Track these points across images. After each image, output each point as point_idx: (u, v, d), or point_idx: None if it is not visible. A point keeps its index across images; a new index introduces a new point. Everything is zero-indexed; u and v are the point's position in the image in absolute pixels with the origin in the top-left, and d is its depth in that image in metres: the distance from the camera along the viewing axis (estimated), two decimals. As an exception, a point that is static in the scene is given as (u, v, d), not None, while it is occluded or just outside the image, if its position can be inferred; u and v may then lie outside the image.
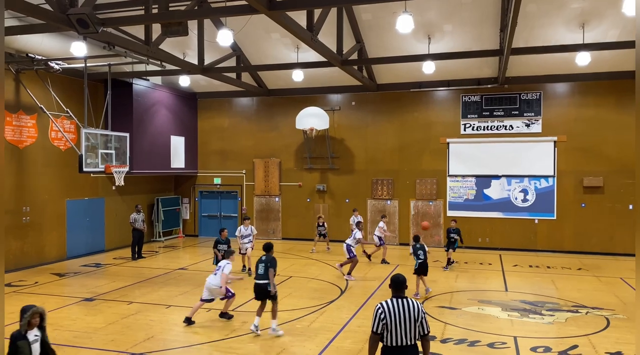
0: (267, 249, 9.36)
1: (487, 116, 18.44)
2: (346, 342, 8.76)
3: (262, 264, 9.16)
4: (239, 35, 15.69)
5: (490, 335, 9.11)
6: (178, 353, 8.29)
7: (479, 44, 15.72)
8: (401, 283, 5.34)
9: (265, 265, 9.10)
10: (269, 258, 9.18)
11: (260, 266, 9.19)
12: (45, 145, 15.87)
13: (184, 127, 20.87)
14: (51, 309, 10.73)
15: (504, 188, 18.39)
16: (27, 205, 15.19)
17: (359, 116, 19.89)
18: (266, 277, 9.04)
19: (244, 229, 14.43)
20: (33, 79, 15.24)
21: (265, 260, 9.16)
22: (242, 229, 14.46)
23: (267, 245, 9.43)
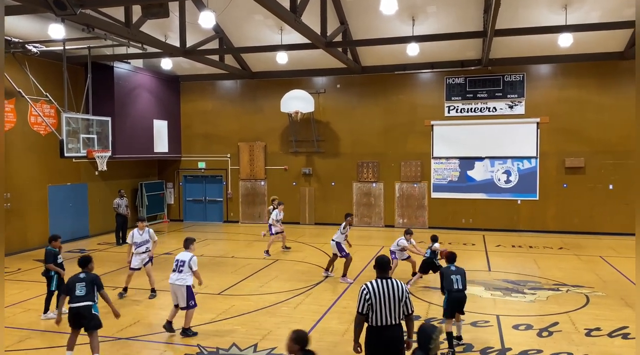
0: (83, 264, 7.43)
1: (471, 98, 18.51)
2: (332, 322, 8.86)
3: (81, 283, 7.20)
4: (221, 17, 15.45)
5: (474, 314, 9.26)
6: (164, 337, 8.31)
7: (463, 26, 15.69)
8: (385, 264, 5.40)
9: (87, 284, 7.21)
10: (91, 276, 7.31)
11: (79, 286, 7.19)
12: (25, 131, 15.58)
13: (166, 111, 20.62)
14: (35, 295, 10.65)
15: (487, 169, 18.56)
16: (7, 191, 14.95)
17: (344, 99, 19.82)
18: (89, 299, 7.17)
19: (137, 234, 10.72)
20: (10, 62, 14.87)
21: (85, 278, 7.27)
22: (135, 233, 10.72)
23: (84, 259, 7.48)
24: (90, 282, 7.26)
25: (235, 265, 13.51)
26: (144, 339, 8.24)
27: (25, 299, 10.45)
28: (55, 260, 9.32)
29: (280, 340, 8.01)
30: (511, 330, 8.49)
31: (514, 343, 7.89)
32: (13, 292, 10.91)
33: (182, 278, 8.22)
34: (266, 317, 9.19)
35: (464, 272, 7.82)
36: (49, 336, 8.33)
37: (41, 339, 8.20)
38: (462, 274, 7.75)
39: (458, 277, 7.69)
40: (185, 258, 8.31)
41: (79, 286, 7.19)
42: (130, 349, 7.83)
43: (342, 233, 12.09)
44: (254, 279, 11.97)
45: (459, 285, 7.66)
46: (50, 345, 7.95)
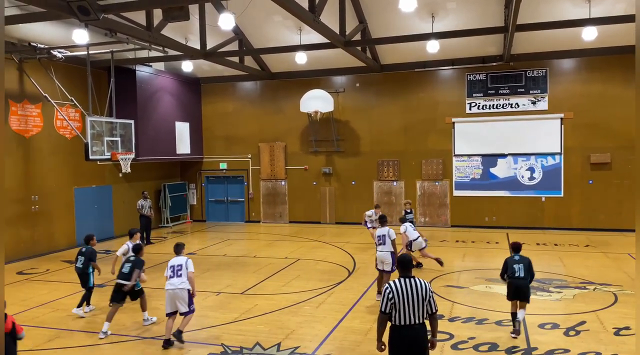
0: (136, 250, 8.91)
1: (493, 94, 18.28)
2: (355, 322, 8.85)
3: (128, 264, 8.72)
4: (240, 19, 15.56)
5: (498, 313, 9.16)
6: (188, 336, 8.40)
7: (484, 21, 15.51)
8: (408, 263, 5.38)
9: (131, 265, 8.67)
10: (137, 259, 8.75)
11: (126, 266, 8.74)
12: (51, 134, 15.93)
13: (188, 113, 20.86)
14: (63, 295, 10.90)
15: (510, 166, 18.32)
16: (35, 194, 15.32)
17: (364, 98, 19.77)
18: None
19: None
20: (36, 68, 15.23)
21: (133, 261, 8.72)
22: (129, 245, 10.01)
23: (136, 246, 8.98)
24: (137, 262, 8.76)
25: (258, 264, 13.60)
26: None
27: (54, 299, 10.69)
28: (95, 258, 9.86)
29: (303, 340, 8.05)
30: (537, 329, 8.37)
31: (540, 342, 7.78)
32: (42, 293, 11.17)
33: (184, 282, 8.00)
34: (289, 316, 9.23)
35: (528, 262, 8.18)
36: (77, 336, 8.50)
37: (70, 339, 8.38)
38: (525, 263, 8.15)
39: (520, 266, 8.13)
40: (181, 262, 8.11)
41: (126, 267, 8.73)
42: (156, 348, 7.94)
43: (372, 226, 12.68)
44: (276, 279, 12.03)
45: (521, 273, 8.08)
46: (78, 345, 8.11)
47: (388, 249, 9.74)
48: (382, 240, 9.80)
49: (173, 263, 8.13)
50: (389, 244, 9.75)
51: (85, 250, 9.86)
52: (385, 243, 9.76)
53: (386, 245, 9.75)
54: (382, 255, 9.75)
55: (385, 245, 9.76)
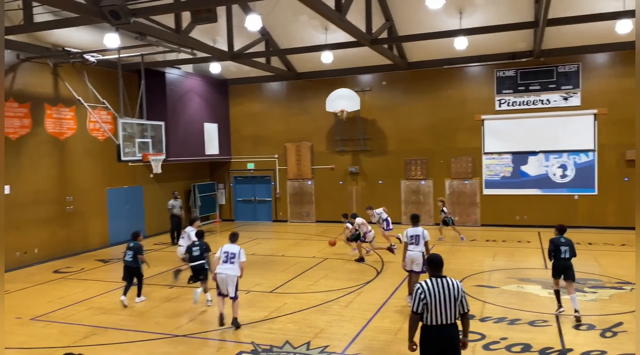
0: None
1: (523, 91, 17.93)
2: (384, 321, 8.81)
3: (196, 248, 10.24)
4: (267, 19, 15.66)
5: (531, 313, 8.99)
6: (220, 334, 8.51)
7: (513, 17, 15.21)
8: (439, 262, 5.32)
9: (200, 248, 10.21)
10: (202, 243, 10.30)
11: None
12: (85, 136, 16.34)
13: (216, 114, 21.11)
14: (97, 293, 11.16)
15: (542, 164, 17.94)
16: (70, 194, 15.73)
17: (390, 96, 19.65)
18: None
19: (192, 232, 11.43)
20: (70, 72, 15.65)
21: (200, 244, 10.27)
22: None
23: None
24: (203, 246, 10.26)
25: (285, 263, 13.66)
26: (201, 336, 8.46)
27: (89, 297, 10.94)
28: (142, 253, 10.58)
29: (333, 339, 8.06)
30: (572, 330, 8.18)
31: (575, 344, 7.60)
32: (77, 291, 11.46)
33: (234, 269, 8.61)
34: (318, 315, 9.25)
35: (572, 243, 8.86)
36: (111, 333, 8.69)
37: (105, 336, 8.57)
38: (570, 245, 8.82)
39: (567, 248, 8.77)
40: (235, 250, 8.67)
41: (195, 250, 10.20)
42: (188, 345, 8.06)
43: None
44: (304, 278, 12.07)
45: (567, 255, 8.75)
46: (112, 342, 8.29)
47: (420, 249, 9.60)
48: (415, 240, 9.63)
49: (227, 249, 8.74)
50: (422, 245, 9.62)
51: (133, 245, 10.45)
52: (418, 243, 9.62)
53: (419, 246, 9.61)
54: (414, 255, 9.62)
55: (418, 246, 9.61)
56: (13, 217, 13.86)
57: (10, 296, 11.22)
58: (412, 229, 9.75)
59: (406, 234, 9.75)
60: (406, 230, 9.85)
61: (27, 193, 14.33)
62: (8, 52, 13.90)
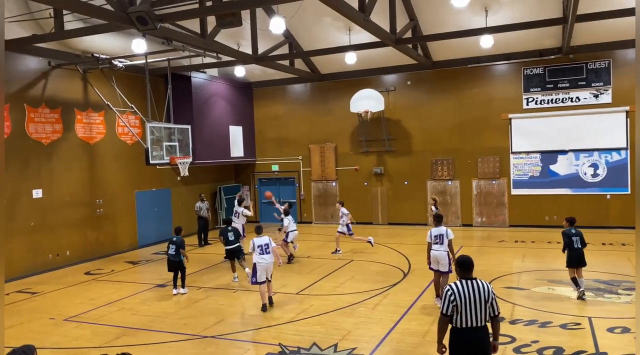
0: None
1: (551, 89, 17.58)
2: (412, 324, 8.73)
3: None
4: (290, 22, 15.71)
5: (563, 315, 8.80)
6: (247, 335, 8.57)
7: (540, 13, 14.93)
8: (469, 264, 5.25)
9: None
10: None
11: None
12: (113, 140, 16.66)
13: (241, 117, 21.29)
14: (127, 295, 11.37)
15: (572, 163, 17.55)
16: (100, 197, 16.07)
17: (415, 96, 19.51)
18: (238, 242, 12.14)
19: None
20: (99, 77, 15.99)
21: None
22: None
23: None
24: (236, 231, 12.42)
25: (311, 265, 13.68)
26: (228, 337, 8.53)
27: (120, 298, 11.15)
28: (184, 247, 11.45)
29: (360, 341, 8.02)
30: (605, 333, 7.97)
31: (609, 347, 7.40)
32: (108, 292, 11.69)
33: (271, 257, 9.88)
34: (344, 317, 9.22)
35: (582, 234, 9.81)
36: (141, 334, 8.83)
37: (135, 337, 8.72)
38: (580, 236, 9.77)
39: (577, 238, 9.72)
40: (267, 241, 9.89)
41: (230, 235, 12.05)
42: (216, 346, 8.13)
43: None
44: (330, 279, 12.06)
45: (578, 244, 9.70)
46: (144, 342, 8.42)
47: (445, 249, 9.54)
48: (439, 240, 9.58)
49: (260, 243, 9.83)
50: (446, 244, 9.55)
51: (176, 240, 11.26)
52: (442, 242, 9.56)
53: (443, 245, 9.55)
54: (439, 255, 9.55)
55: (442, 245, 9.55)
56: (45, 220, 14.24)
57: (44, 297, 11.52)
58: (435, 229, 9.71)
59: (430, 234, 9.71)
60: (430, 230, 9.81)
61: (59, 197, 14.69)
62: (39, 59, 14.29)
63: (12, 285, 12.59)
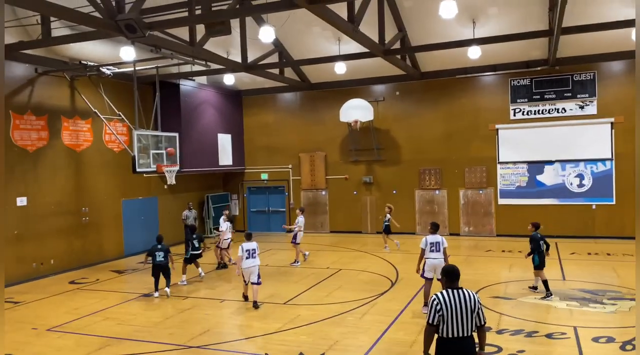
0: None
1: (538, 100, 17.79)
2: (399, 333, 8.71)
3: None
4: (280, 31, 15.76)
5: (549, 325, 8.83)
6: (233, 346, 8.49)
7: (527, 26, 15.14)
8: (455, 274, 5.25)
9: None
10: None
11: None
12: (100, 148, 16.53)
13: (230, 125, 21.24)
14: (112, 304, 11.22)
15: (558, 173, 17.73)
16: (85, 206, 15.89)
17: (404, 106, 19.63)
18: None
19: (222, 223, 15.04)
20: (86, 84, 15.88)
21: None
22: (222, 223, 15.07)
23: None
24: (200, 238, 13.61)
25: (300, 274, 13.62)
26: (215, 347, 8.44)
27: (105, 307, 11.00)
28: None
29: (347, 351, 7.98)
30: (591, 342, 8.01)
31: (595, 357, 7.44)
32: (92, 302, 11.53)
33: (257, 261, 10.70)
34: (332, 327, 9.18)
35: (544, 237, 10.69)
36: (126, 344, 8.71)
37: (120, 347, 8.59)
38: (544, 239, 10.64)
39: (543, 242, 10.60)
40: (254, 246, 10.69)
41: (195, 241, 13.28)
42: (202, 357, 8.04)
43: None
44: (319, 289, 12.01)
45: (544, 248, 10.62)
46: (128, 353, 8.30)
47: (442, 256, 9.67)
48: (435, 247, 9.70)
49: (248, 247, 10.58)
50: (442, 252, 9.72)
51: (162, 247, 11.91)
52: (439, 250, 9.70)
53: (439, 253, 9.69)
54: (437, 263, 9.62)
55: (439, 252, 9.69)
56: (30, 228, 14.04)
57: (26, 307, 11.33)
58: (431, 237, 9.83)
59: (425, 242, 9.80)
60: (425, 238, 9.88)
61: (44, 204, 14.52)
62: (26, 66, 14.17)
63: (-5, 295, 12.36)
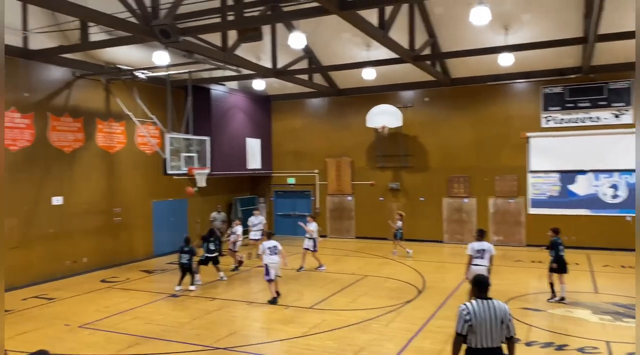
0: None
1: (571, 108, 17.43)
2: (425, 342, 8.63)
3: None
4: (310, 37, 15.88)
5: (580, 339, 8.62)
6: (259, 348, 8.55)
7: (561, 33, 14.87)
8: (485, 283, 5.19)
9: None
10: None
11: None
12: (133, 150, 16.90)
13: (258, 129, 21.47)
14: (141, 304, 11.43)
15: (591, 183, 17.31)
16: (117, 206, 16.26)
17: (433, 112, 19.49)
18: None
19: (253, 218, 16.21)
20: (121, 88, 16.28)
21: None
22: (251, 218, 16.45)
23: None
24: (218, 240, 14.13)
25: (325, 279, 13.63)
26: (240, 349, 8.51)
27: (134, 306, 11.22)
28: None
29: (373, 358, 7.94)
30: (625, 359, 7.79)
31: (628, 373, 7.22)
32: (122, 300, 11.77)
33: (278, 258, 11.34)
34: (357, 333, 9.15)
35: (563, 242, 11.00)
36: (155, 343, 8.86)
37: (147, 346, 8.75)
38: (563, 244, 10.93)
39: (562, 246, 10.85)
40: (276, 244, 11.38)
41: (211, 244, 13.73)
42: (228, 358, 8.12)
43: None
44: (344, 294, 11.99)
45: (562, 252, 10.79)
46: (156, 352, 8.45)
47: (486, 264, 9.65)
48: (481, 254, 9.70)
49: (269, 245, 11.29)
50: (487, 259, 9.69)
51: (189, 249, 12.59)
52: (484, 257, 9.69)
53: (484, 259, 9.68)
54: (479, 270, 9.42)
55: (483, 259, 9.68)
56: (65, 226, 14.45)
57: (60, 303, 11.65)
58: (477, 243, 9.86)
59: (471, 248, 9.79)
60: (471, 244, 9.89)
61: (79, 204, 14.91)
62: (65, 69, 14.62)
63: (30, 291, 12.77)
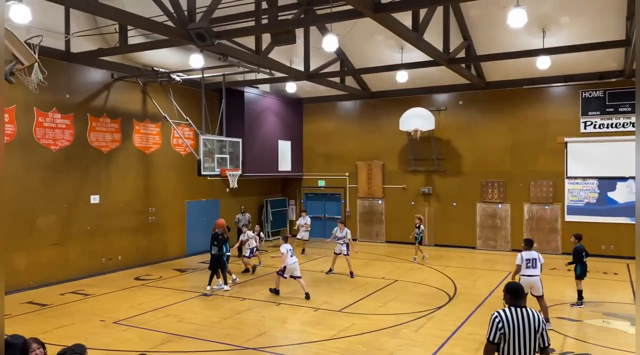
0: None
1: (611, 113, 16.90)
2: (456, 349, 8.50)
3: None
4: (342, 40, 15.88)
5: (618, 351, 8.33)
6: (287, 350, 8.58)
7: (601, 35, 14.45)
8: (519, 292, 5.07)
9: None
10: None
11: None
12: (168, 151, 17.25)
13: (290, 132, 21.60)
14: (174, 302, 11.64)
15: (632, 191, 16.72)
16: (152, 206, 16.62)
17: (467, 116, 19.21)
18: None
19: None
20: (157, 90, 16.65)
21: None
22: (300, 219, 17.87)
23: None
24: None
25: (354, 283, 13.58)
26: (269, 350, 8.57)
27: (167, 304, 11.43)
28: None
29: (402, 363, 7.86)
30: (666, 374, 7.46)
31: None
32: (155, 298, 12.01)
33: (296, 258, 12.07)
34: (387, 338, 9.09)
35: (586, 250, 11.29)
36: (187, 341, 9.01)
37: (179, 343, 8.90)
38: (586, 251, 11.36)
39: (584, 253, 11.29)
40: (289, 248, 11.96)
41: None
42: (257, 359, 8.18)
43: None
44: (374, 299, 11.92)
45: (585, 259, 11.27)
46: (186, 350, 8.59)
47: (538, 273, 9.57)
48: (532, 264, 9.61)
49: (288, 248, 11.94)
50: (539, 268, 9.62)
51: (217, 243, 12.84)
52: (535, 266, 9.60)
53: (536, 269, 9.59)
54: (532, 280, 9.53)
55: (535, 269, 9.59)
56: (101, 225, 14.85)
57: (95, 299, 11.97)
58: (526, 253, 9.77)
59: (521, 258, 9.71)
60: (520, 254, 9.81)
61: (115, 203, 15.31)
62: (104, 71, 15.05)
63: (67, 286, 13.17)
